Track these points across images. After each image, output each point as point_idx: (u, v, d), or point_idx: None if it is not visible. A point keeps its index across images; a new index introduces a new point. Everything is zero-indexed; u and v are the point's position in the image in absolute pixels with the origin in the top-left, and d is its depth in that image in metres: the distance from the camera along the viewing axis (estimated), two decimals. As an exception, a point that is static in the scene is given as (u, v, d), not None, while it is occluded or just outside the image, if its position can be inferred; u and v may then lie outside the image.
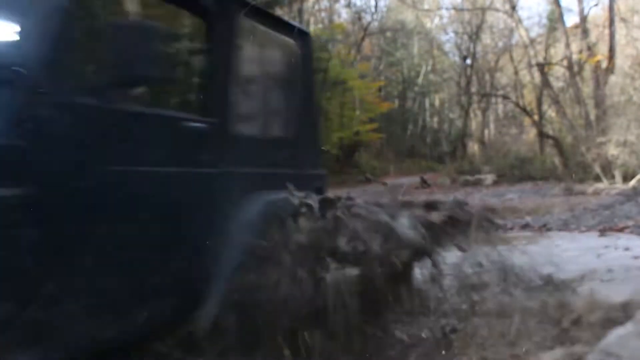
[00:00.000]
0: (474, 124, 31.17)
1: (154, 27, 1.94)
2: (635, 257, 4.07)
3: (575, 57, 17.48)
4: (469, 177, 17.94)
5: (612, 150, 13.12)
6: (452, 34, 28.88)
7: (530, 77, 23.53)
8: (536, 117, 20.71)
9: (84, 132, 1.82)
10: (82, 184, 1.77)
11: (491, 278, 2.67)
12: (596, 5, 19.21)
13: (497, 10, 21.92)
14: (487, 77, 26.48)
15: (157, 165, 2.07)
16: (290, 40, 3.12)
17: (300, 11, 21.62)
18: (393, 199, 3.02)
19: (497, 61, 26.01)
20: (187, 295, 2.23)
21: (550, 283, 2.75)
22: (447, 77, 34.32)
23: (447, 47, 32.90)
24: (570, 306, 2.40)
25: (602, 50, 17.82)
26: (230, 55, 2.52)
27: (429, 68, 34.13)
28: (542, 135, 20.20)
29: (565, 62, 17.75)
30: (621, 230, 5.62)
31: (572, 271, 3.29)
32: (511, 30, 22.20)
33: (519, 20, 18.10)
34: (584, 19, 17.80)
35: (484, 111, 28.49)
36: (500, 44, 26.08)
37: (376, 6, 25.63)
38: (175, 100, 2.73)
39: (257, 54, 2.97)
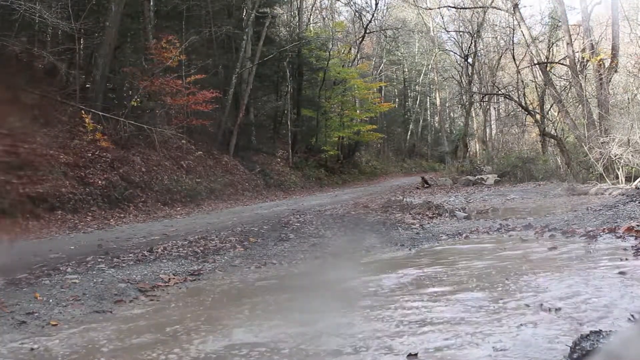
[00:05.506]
0: (475, 124, 30.97)
1: None
2: None
3: (578, 55, 17.28)
4: (470, 177, 17.81)
5: (615, 150, 12.93)
6: (453, 33, 28.69)
7: (532, 76, 23.33)
8: (538, 117, 20.51)
9: None
10: None
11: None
12: (599, 3, 19.05)
13: (498, 8, 21.73)
14: (489, 75, 26.29)
15: None
16: None
17: (299, 10, 21.46)
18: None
19: (498, 60, 25.82)
20: None
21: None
22: (448, 76, 34.14)
23: (449, 45, 32.74)
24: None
25: (605, 48, 17.62)
26: None
27: (430, 67, 33.95)
28: (544, 134, 20.02)
29: (567, 61, 17.56)
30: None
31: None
32: (513, 29, 22.01)
33: (521, 18, 17.89)
34: (587, 17, 17.60)
35: (486, 110, 28.29)
36: (502, 42, 25.89)
37: (376, 4, 25.44)
38: None
39: None
